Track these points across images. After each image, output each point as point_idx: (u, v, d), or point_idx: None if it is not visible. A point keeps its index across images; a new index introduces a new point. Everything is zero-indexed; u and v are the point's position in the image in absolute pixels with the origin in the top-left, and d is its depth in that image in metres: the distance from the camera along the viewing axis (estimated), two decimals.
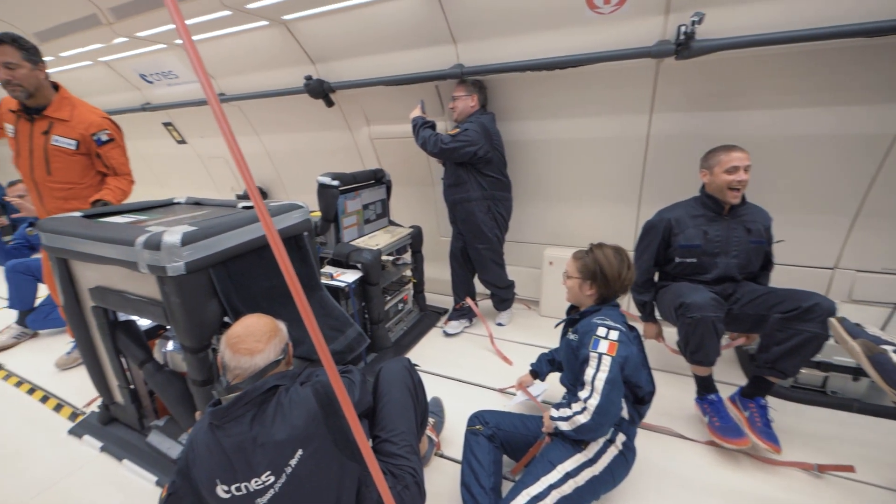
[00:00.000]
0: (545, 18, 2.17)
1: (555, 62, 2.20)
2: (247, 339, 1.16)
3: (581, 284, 1.56)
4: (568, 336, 1.58)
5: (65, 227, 1.66)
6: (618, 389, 1.32)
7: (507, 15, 2.22)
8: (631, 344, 1.42)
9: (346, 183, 2.51)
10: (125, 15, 2.74)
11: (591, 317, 1.48)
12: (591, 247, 1.58)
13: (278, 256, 0.98)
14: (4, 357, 2.80)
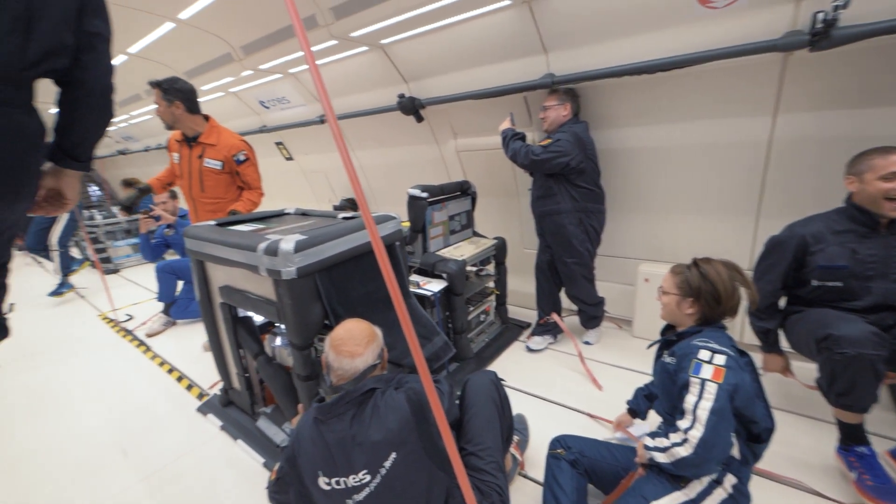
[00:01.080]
0: (647, 20, 2.04)
1: (658, 64, 2.04)
2: (348, 343, 1.24)
3: (679, 302, 1.41)
4: (663, 359, 1.43)
5: (202, 233, 1.95)
6: (726, 422, 1.16)
7: (604, 20, 2.13)
8: (742, 371, 1.24)
9: (434, 194, 2.60)
10: (252, 51, 3.17)
11: (691, 339, 1.33)
12: (694, 261, 1.42)
13: (382, 266, 1.04)
14: (153, 341, 3.36)
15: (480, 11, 2.31)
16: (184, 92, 2.45)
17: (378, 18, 2.42)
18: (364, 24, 2.50)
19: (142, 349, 3.25)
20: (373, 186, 4.37)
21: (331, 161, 4.58)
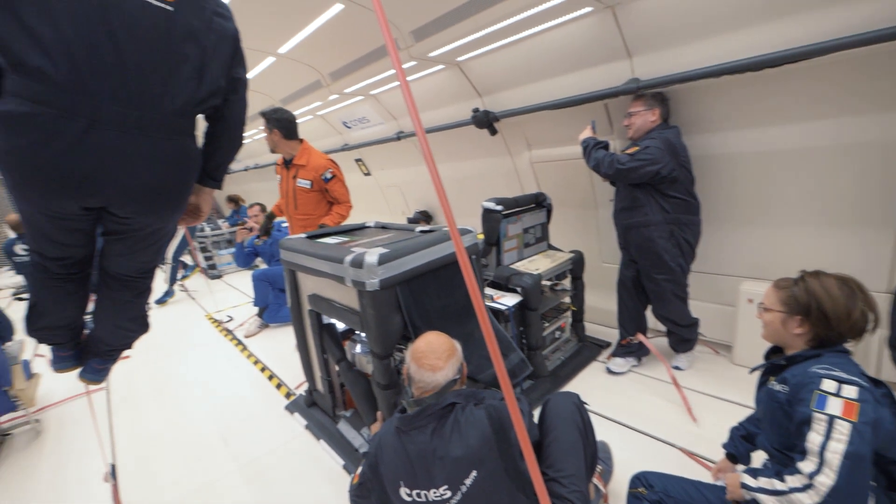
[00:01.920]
0: (749, 14, 1.85)
1: (767, 60, 1.83)
2: (429, 356, 1.26)
3: (785, 320, 1.22)
4: (771, 386, 1.24)
5: (295, 245, 2.12)
6: (864, 468, 0.97)
7: (696, 19, 1.98)
8: (880, 405, 1.03)
9: (508, 207, 2.57)
10: (339, 77, 3.43)
11: (807, 364, 1.14)
12: (802, 274, 1.23)
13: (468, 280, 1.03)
14: (249, 341, 3.72)
15: (559, 21, 2.27)
16: (281, 121, 2.74)
17: (455, 37, 2.49)
18: (442, 44, 2.59)
19: (239, 348, 3.61)
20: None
21: (405, 176, 4.77)
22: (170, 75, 1.06)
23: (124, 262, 1.31)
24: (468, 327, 1.92)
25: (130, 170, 1.06)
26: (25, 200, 1.05)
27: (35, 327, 1.32)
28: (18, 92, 0.91)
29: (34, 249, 1.19)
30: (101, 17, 0.94)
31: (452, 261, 1.92)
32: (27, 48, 0.89)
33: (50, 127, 0.94)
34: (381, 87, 3.64)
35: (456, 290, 1.93)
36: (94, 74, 0.95)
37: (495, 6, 2.11)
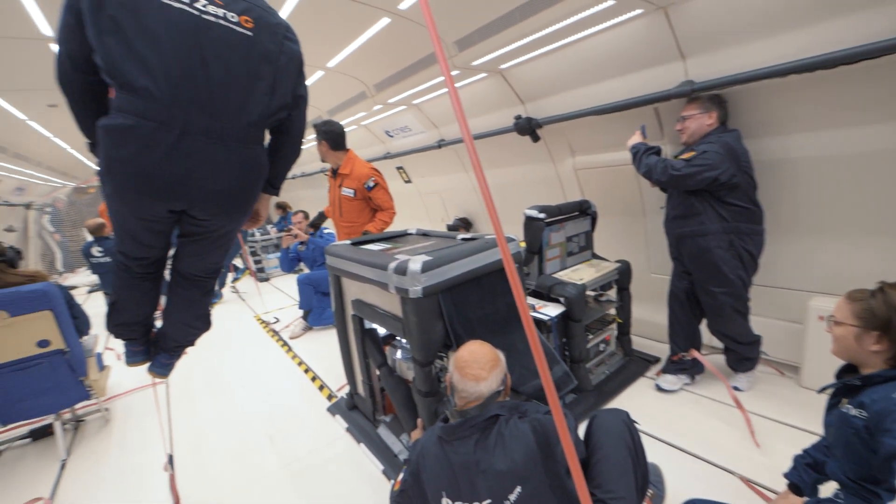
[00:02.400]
0: (815, 9, 1.72)
1: (842, 56, 1.69)
2: (472, 365, 1.24)
3: (860, 335, 1.10)
4: (843, 408, 1.12)
5: (340, 251, 2.18)
6: None
7: (755, 16, 1.87)
8: None
9: (551, 215, 2.52)
10: (383, 88, 3.53)
11: (890, 387, 1.02)
12: (881, 285, 1.11)
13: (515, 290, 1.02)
14: (294, 342, 3.87)
15: (608, 25, 2.22)
16: (329, 133, 2.87)
17: (499, 46, 2.49)
18: (485, 53, 2.60)
19: (284, 349, 3.75)
20: (485, 206, 4.45)
21: (445, 183, 4.80)
22: (248, 92, 1.18)
23: (196, 263, 1.44)
24: (510, 337, 1.88)
25: (212, 175, 1.19)
26: (124, 204, 1.18)
27: (115, 323, 1.48)
28: (124, 108, 1.05)
29: (120, 250, 1.34)
30: (195, 43, 1.08)
31: (495, 269, 1.90)
32: (135, 71, 1.03)
33: (150, 137, 1.07)
34: (423, 97, 3.71)
35: (498, 299, 1.91)
36: (186, 91, 1.08)
37: (541, 13, 2.09)
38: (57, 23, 1.08)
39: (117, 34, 1.00)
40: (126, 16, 1.00)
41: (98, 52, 1.03)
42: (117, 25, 1.00)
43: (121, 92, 1.05)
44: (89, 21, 1.01)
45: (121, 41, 1.01)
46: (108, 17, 0.99)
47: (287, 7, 2.15)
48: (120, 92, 1.05)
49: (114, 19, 1.00)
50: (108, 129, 1.07)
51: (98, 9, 0.99)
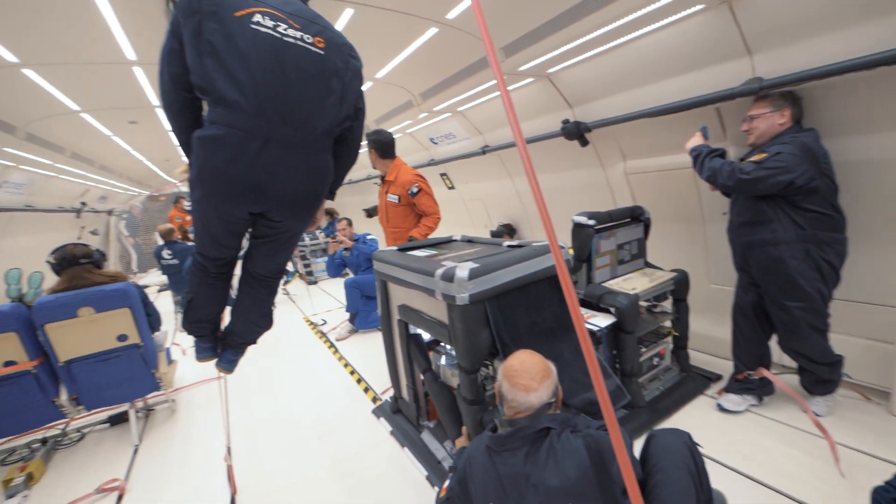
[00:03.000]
0: None
1: None
2: (522, 376, 1.22)
3: None
4: None
5: (388, 257, 2.23)
6: None
7: (832, 7, 1.70)
8: None
9: (601, 222, 2.43)
10: (428, 96, 3.59)
11: None
12: None
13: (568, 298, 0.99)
14: (340, 344, 3.99)
15: (664, 23, 2.12)
16: (377, 142, 3.00)
17: (547, 50, 2.45)
18: (532, 58, 2.57)
19: (331, 350, 3.88)
20: (528, 212, 4.38)
21: (489, 189, 4.79)
22: (321, 104, 1.32)
23: (266, 263, 1.59)
24: (558, 347, 1.83)
25: (289, 179, 1.32)
26: (211, 207, 1.32)
27: (190, 319, 1.64)
28: (217, 120, 1.20)
29: (200, 251, 1.48)
30: (278, 62, 1.22)
31: (542, 277, 1.86)
32: (228, 87, 1.17)
33: (238, 145, 1.21)
34: (468, 104, 3.73)
35: (546, 308, 1.87)
36: (270, 104, 1.22)
37: (591, 15, 2.04)
38: (161, 49, 1.24)
39: (213, 56, 1.16)
40: (221, 40, 1.16)
41: (196, 72, 1.18)
42: (213, 48, 1.15)
43: (214, 106, 1.19)
44: (190, 45, 1.17)
45: (216, 61, 1.16)
46: (206, 41, 1.15)
47: (341, 22, 2.24)
48: (214, 106, 1.19)
49: (210, 43, 1.15)
50: (203, 139, 1.22)
51: (198, 34, 1.15)
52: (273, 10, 1.24)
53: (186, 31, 1.17)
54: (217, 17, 1.16)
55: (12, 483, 2.21)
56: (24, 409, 2.33)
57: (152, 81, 2.91)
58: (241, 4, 1.20)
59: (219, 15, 1.16)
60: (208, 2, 1.16)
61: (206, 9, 1.16)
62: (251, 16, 1.20)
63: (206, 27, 1.15)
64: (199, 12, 1.15)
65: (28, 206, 5.36)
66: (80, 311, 2.29)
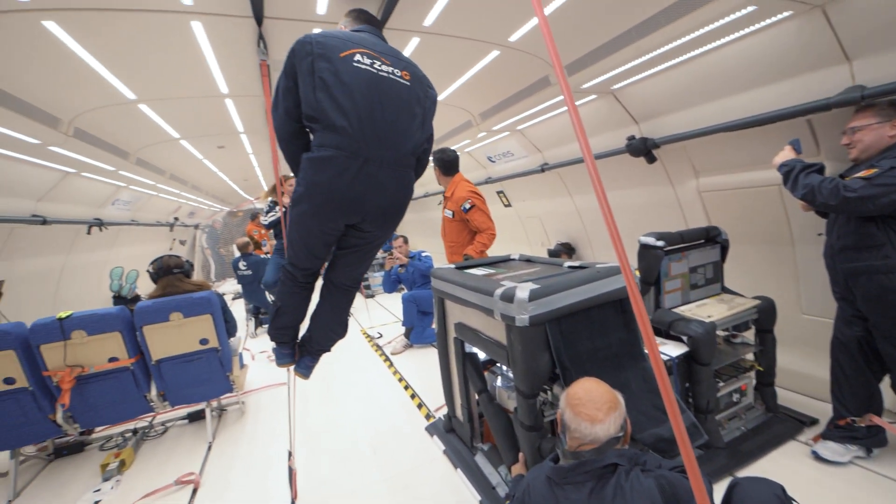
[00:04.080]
0: None
1: None
2: (587, 405, 1.15)
3: None
4: None
5: (446, 275, 2.25)
6: None
7: None
8: None
9: (671, 243, 2.28)
10: (488, 116, 3.64)
11: None
12: None
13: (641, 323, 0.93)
14: (395, 358, 4.06)
15: (745, 32, 1.98)
16: (441, 160, 3.14)
17: (612, 67, 2.39)
18: (596, 75, 2.52)
19: (387, 364, 3.96)
20: (589, 231, 4.23)
21: (547, 207, 4.70)
22: (408, 128, 1.53)
23: (349, 272, 1.76)
24: (623, 375, 1.72)
25: (382, 194, 1.52)
26: (315, 218, 1.50)
27: (277, 326, 1.80)
28: (327, 143, 1.40)
29: (292, 262, 1.65)
30: (375, 92, 1.44)
31: (607, 301, 1.77)
32: (336, 115, 1.38)
33: (342, 165, 1.41)
34: (527, 123, 3.72)
35: (610, 334, 1.77)
36: (369, 129, 1.42)
37: (662, 29, 1.96)
38: (275, 89, 1.49)
39: (324, 89, 1.38)
40: (330, 76, 1.38)
41: (310, 104, 1.39)
42: (325, 83, 1.38)
43: (324, 132, 1.40)
44: (304, 82, 1.39)
45: (327, 94, 1.38)
46: (318, 78, 1.38)
47: (408, 50, 2.36)
48: (323, 132, 1.40)
49: (322, 79, 1.38)
50: (312, 160, 1.42)
51: (311, 72, 1.38)
52: (369, 50, 1.48)
53: (301, 70, 1.39)
54: (326, 58, 1.39)
55: (108, 468, 2.48)
56: (121, 401, 2.62)
57: (240, 111, 3.24)
58: (344, 47, 1.44)
59: (327, 56, 1.39)
60: (318, 45, 1.40)
61: (317, 51, 1.39)
62: (353, 56, 1.43)
63: (318, 66, 1.38)
64: (312, 54, 1.39)
65: (133, 221, 6.14)
66: (171, 315, 2.56)
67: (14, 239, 3.67)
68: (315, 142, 1.43)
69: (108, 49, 2.01)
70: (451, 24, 2.12)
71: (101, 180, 4.40)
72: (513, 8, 1.99)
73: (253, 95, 2.92)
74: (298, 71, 1.40)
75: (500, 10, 2.01)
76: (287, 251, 1.65)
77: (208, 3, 1.77)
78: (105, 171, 4.06)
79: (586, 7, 1.92)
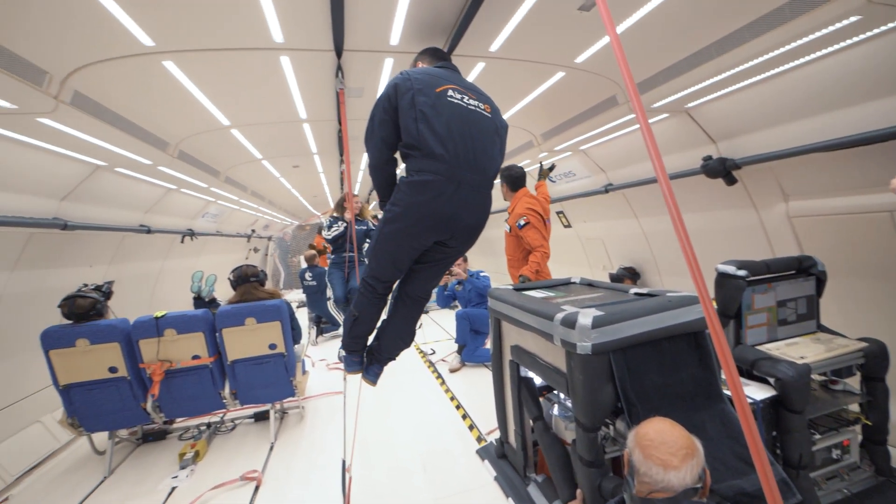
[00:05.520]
0: None
1: None
2: (660, 448, 1.06)
3: None
4: None
5: (503, 295, 2.22)
6: None
7: None
8: None
9: (755, 273, 2.07)
10: (549, 136, 3.60)
11: None
12: None
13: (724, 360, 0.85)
14: (447, 377, 4.05)
15: (848, 43, 1.80)
16: (509, 176, 3.20)
17: (687, 84, 2.28)
18: (670, 94, 2.41)
19: (438, 381, 3.95)
20: (657, 255, 3.97)
21: (609, 228, 4.51)
22: (491, 154, 1.71)
23: (424, 285, 1.91)
24: (696, 417, 1.57)
25: (469, 213, 1.68)
26: (410, 236, 1.66)
27: (353, 335, 1.96)
28: (426, 169, 1.56)
29: (374, 275, 1.81)
30: (466, 124, 1.62)
31: (679, 333, 1.65)
32: (436, 143, 1.55)
33: (440, 188, 1.58)
34: (590, 143, 3.63)
35: (682, 369, 1.64)
36: (462, 155, 1.59)
37: (746, 45, 1.84)
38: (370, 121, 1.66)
39: (425, 121, 1.55)
40: (429, 110, 1.56)
41: (411, 134, 1.56)
42: (425, 115, 1.55)
43: (423, 158, 1.56)
44: (405, 114, 1.57)
45: (426, 125, 1.55)
46: (419, 111, 1.56)
47: (473, 74, 2.42)
48: (423, 158, 1.56)
49: (423, 112, 1.56)
50: (413, 183, 1.58)
51: (412, 105, 1.56)
52: (458, 87, 1.67)
53: (402, 104, 1.57)
54: (424, 93, 1.57)
55: (185, 457, 2.71)
56: (199, 396, 2.87)
57: (314, 134, 3.51)
58: (438, 83, 1.63)
59: (425, 91, 1.58)
60: (417, 81, 1.59)
61: (416, 87, 1.58)
62: (447, 91, 1.62)
63: (418, 100, 1.56)
64: (412, 89, 1.57)
65: (218, 232, 6.81)
66: (246, 320, 2.78)
67: (124, 245, 4.23)
68: (413, 167, 1.59)
69: (210, 82, 2.29)
70: (516, 48, 2.15)
71: (194, 195, 4.95)
72: (580, 29, 1.98)
73: (327, 120, 3.15)
74: (399, 104, 1.58)
75: (568, 32, 2.01)
76: (370, 265, 1.82)
77: (296, 40, 1.96)
78: (199, 188, 4.57)
79: (659, 26, 1.86)
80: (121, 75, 2.01)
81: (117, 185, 3.49)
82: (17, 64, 1.68)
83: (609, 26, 0.96)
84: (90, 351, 2.58)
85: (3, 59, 1.63)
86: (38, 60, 1.75)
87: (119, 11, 1.54)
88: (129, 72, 2.00)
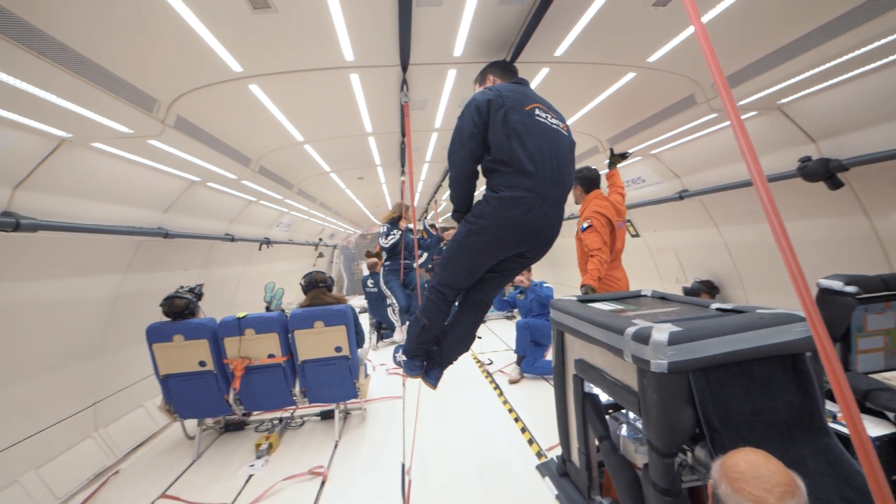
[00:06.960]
0: None
1: None
2: (752, 482, 0.95)
3: None
4: None
5: (566, 306, 2.14)
6: None
7: None
8: None
9: (868, 290, 1.79)
10: (616, 141, 3.43)
11: None
12: None
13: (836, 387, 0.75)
14: (506, 388, 3.97)
15: None
16: (583, 178, 3.10)
17: (781, 78, 2.05)
18: (759, 90, 2.19)
19: (496, 392, 3.89)
20: (741, 268, 3.60)
21: (683, 238, 4.18)
22: (569, 170, 1.80)
23: (491, 292, 2.00)
24: (794, 451, 1.38)
25: (550, 226, 1.78)
26: (495, 247, 1.75)
27: (419, 340, 2.04)
28: (517, 185, 1.65)
29: (446, 283, 1.88)
30: (551, 141, 1.72)
31: (772, 354, 1.47)
32: (527, 161, 1.64)
33: (530, 203, 1.67)
34: (662, 147, 3.41)
35: (777, 396, 1.45)
36: (549, 172, 1.68)
37: (861, 27, 1.62)
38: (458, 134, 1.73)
39: (517, 139, 1.63)
40: (521, 128, 1.65)
41: (503, 150, 1.64)
42: (517, 133, 1.64)
43: (515, 175, 1.65)
44: (498, 131, 1.64)
45: (518, 143, 1.63)
46: (511, 128, 1.64)
47: (536, 80, 2.39)
48: (514, 175, 1.65)
49: (515, 130, 1.64)
50: (504, 199, 1.66)
51: (505, 123, 1.64)
52: (542, 106, 1.76)
53: (495, 120, 1.64)
54: (516, 111, 1.65)
55: (260, 447, 2.92)
56: (273, 392, 3.08)
57: (379, 146, 3.67)
58: (527, 101, 1.71)
59: (517, 109, 1.66)
60: (508, 99, 1.66)
61: (508, 104, 1.65)
62: (534, 110, 1.71)
63: (510, 118, 1.63)
64: (504, 106, 1.64)
65: (290, 241, 7.34)
66: (315, 323, 2.95)
67: (213, 252, 4.71)
68: (503, 182, 1.66)
69: (287, 102, 2.49)
70: (583, 51, 2.08)
71: (271, 207, 5.39)
72: (654, 26, 1.87)
73: (391, 133, 3.28)
74: (491, 120, 1.65)
75: (640, 30, 1.91)
76: (442, 274, 1.88)
77: (365, 57, 2.06)
78: (275, 200, 4.97)
79: (749, 17, 1.70)
80: (213, 99, 2.25)
81: (208, 197, 3.91)
82: (133, 94, 1.95)
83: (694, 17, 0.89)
84: (184, 346, 2.89)
85: (124, 91, 1.90)
86: (149, 90, 2.01)
87: (214, 42, 1.73)
88: (220, 95, 2.23)
